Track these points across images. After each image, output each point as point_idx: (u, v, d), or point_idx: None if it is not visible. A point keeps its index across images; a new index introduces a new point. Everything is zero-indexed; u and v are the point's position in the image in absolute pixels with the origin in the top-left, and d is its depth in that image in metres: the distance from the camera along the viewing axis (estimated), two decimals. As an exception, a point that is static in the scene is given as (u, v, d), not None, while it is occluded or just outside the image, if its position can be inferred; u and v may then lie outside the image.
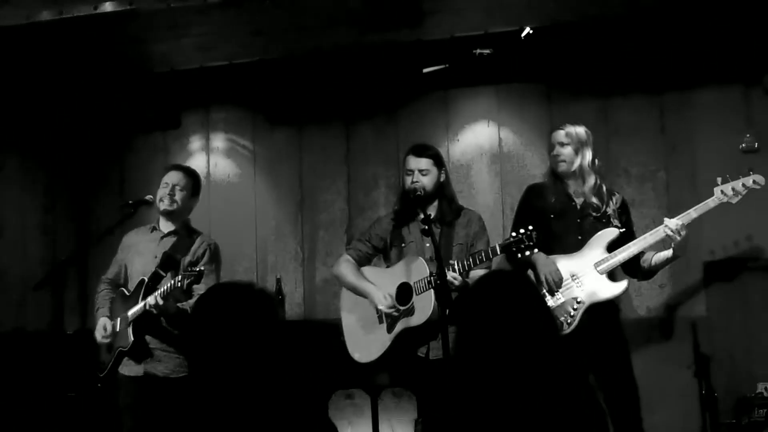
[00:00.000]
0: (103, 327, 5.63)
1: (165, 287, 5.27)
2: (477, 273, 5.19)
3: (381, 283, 5.44)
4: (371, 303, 5.43)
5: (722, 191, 5.23)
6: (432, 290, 5.03)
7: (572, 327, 5.21)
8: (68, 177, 7.80)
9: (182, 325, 5.36)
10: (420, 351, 5.31)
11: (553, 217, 5.41)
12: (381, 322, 5.40)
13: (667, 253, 5.26)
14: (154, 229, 5.82)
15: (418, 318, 5.17)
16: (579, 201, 5.46)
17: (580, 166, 5.46)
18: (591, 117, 6.63)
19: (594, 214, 5.41)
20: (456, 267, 5.07)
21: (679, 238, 5.13)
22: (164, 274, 5.55)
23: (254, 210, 7.58)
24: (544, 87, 7.03)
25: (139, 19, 5.90)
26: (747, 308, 6.40)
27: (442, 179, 5.52)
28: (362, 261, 5.67)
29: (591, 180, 5.46)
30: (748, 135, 6.39)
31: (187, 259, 5.67)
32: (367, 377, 5.52)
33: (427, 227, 5.10)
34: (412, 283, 5.26)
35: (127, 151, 7.88)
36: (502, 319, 2.81)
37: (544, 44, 6.40)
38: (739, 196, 5.23)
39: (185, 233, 5.77)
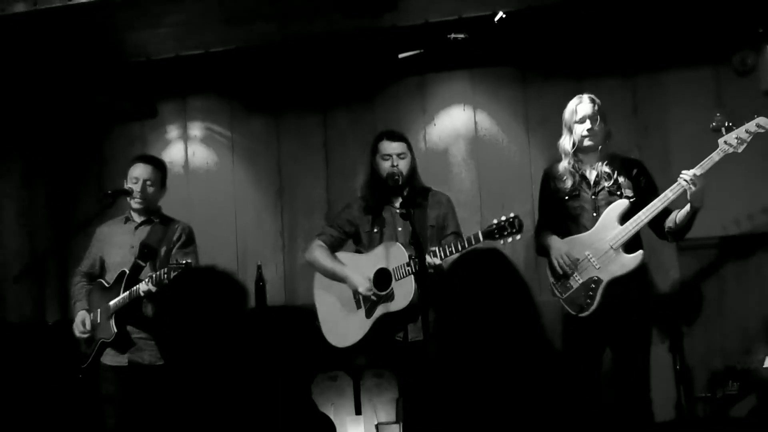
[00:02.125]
0: (81, 322, 5.63)
1: (154, 275, 5.31)
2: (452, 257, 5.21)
3: (358, 268, 5.46)
4: (350, 287, 5.45)
5: (725, 141, 5.08)
6: (412, 275, 5.06)
7: (593, 307, 5.15)
8: (46, 168, 7.79)
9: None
10: (398, 335, 5.33)
11: (567, 199, 5.32)
12: (359, 306, 5.43)
13: (686, 208, 5.08)
14: (127, 219, 5.82)
15: (400, 303, 5.21)
16: (592, 177, 5.32)
17: (605, 140, 5.35)
18: (564, 99, 6.67)
19: (606, 185, 5.27)
20: (438, 253, 5.09)
21: (694, 188, 4.95)
22: (144, 264, 5.57)
23: (233, 198, 7.62)
24: (518, 70, 7.10)
25: (113, 9, 5.90)
26: (721, 284, 6.49)
27: (413, 163, 5.59)
28: (334, 246, 5.69)
29: (608, 151, 5.37)
30: (718, 114, 6.44)
31: (164, 246, 5.72)
32: (348, 360, 5.57)
33: (405, 211, 5.15)
34: (390, 269, 5.28)
35: (105, 141, 7.88)
36: (479, 298, 2.86)
37: (517, 28, 6.44)
38: (745, 144, 5.06)
39: (159, 221, 5.79)
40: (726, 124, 6.31)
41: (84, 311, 5.68)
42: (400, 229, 5.44)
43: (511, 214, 4.97)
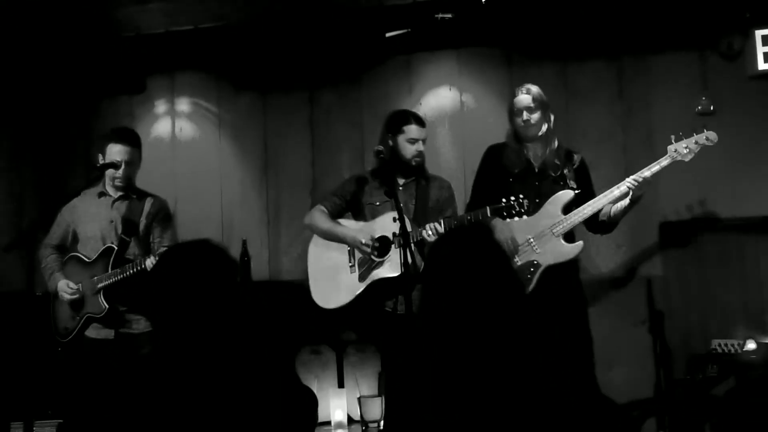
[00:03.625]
0: (66, 285, 5.65)
1: (158, 253, 5.36)
2: None
3: (360, 231, 5.55)
4: (351, 243, 5.54)
5: (675, 149, 5.31)
6: (412, 245, 5.13)
7: (529, 289, 5.31)
8: (34, 141, 7.79)
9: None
10: (387, 305, 5.44)
11: (512, 181, 5.48)
12: (353, 271, 5.53)
13: (625, 201, 5.30)
14: (102, 194, 5.78)
15: (394, 270, 5.30)
16: (538, 164, 5.51)
17: (547, 130, 5.52)
18: (550, 81, 6.74)
19: (552, 175, 5.46)
20: (442, 224, 5.22)
21: (640, 193, 5.22)
22: (128, 240, 5.60)
23: (219, 173, 7.63)
24: (504, 51, 7.11)
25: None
26: (701, 268, 6.54)
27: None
28: (334, 214, 5.76)
29: (554, 143, 5.53)
30: (703, 98, 6.50)
31: (144, 221, 5.73)
32: (332, 334, 5.62)
33: (389, 190, 5.24)
34: (392, 237, 5.39)
35: (93, 115, 7.87)
36: (465, 274, 2.88)
37: (504, 9, 6.46)
38: (692, 154, 5.30)
39: (136, 196, 5.80)
40: (711, 109, 6.39)
41: (63, 280, 5.69)
42: (401, 205, 5.54)
43: (521, 196, 5.10)
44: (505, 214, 5.11)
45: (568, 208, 5.39)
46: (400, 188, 5.61)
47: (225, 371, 2.72)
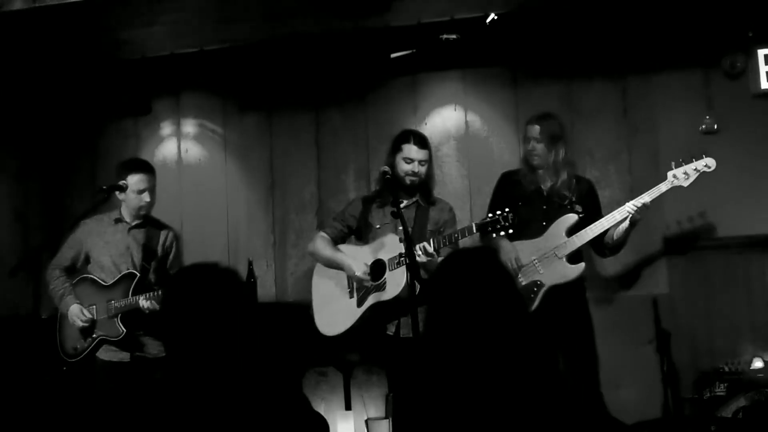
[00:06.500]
0: (80, 311, 5.68)
1: (156, 294, 5.44)
2: (445, 251, 5.34)
3: (356, 257, 5.58)
4: (347, 272, 5.56)
5: (674, 175, 5.50)
6: (405, 267, 5.15)
7: (532, 308, 5.45)
8: (40, 163, 7.80)
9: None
10: (389, 329, 5.47)
11: (521, 204, 5.59)
12: (351, 296, 5.55)
13: (625, 224, 5.48)
14: (118, 220, 5.87)
15: (390, 293, 5.32)
16: (546, 188, 5.69)
17: (554, 162, 5.69)
18: (555, 100, 6.75)
19: (559, 201, 5.63)
20: (432, 243, 5.21)
21: (639, 217, 5.38)
22: (149, 267, 5.68)
23: (225, 194, 7.63)
24: (509, 71, 7.11)
25: (110, 7, 5.95)
26: (707, 286, 6.53)
27: (431, 170, 5.73)
28: (337, 239, 5.82)
29: (564, 174, 5.69)
30: (707, 117, 6.50)
31: (159, 250, 5.79)
32: (338, 356, 5.63)
33: (396, 210, 5.24)
34: (386, 260, 5.40)
35: (99, 137, 7.89)
36: (470, 295, 2.88)
37: (508, 29, 6.49)
38: (690, 179, 5.50)
39: (152, 225, 5.86)
40: (715, 127, 6.40)
41: (77, 304, 5.71)
42: (400, 227, 5.53)
43: (506, 209, 5.10)
44: (490, 228, 5.11)
45: (572, 231, 5.56)
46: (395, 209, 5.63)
47: (234, 394, 2.73)
